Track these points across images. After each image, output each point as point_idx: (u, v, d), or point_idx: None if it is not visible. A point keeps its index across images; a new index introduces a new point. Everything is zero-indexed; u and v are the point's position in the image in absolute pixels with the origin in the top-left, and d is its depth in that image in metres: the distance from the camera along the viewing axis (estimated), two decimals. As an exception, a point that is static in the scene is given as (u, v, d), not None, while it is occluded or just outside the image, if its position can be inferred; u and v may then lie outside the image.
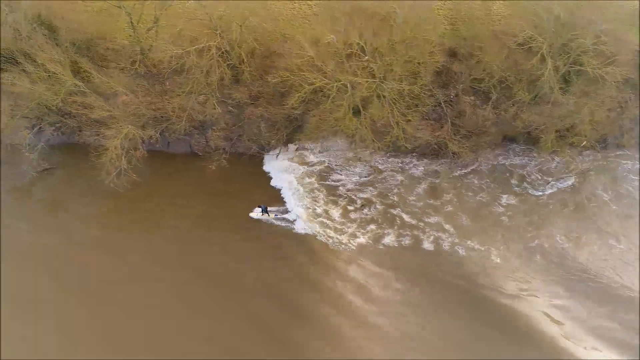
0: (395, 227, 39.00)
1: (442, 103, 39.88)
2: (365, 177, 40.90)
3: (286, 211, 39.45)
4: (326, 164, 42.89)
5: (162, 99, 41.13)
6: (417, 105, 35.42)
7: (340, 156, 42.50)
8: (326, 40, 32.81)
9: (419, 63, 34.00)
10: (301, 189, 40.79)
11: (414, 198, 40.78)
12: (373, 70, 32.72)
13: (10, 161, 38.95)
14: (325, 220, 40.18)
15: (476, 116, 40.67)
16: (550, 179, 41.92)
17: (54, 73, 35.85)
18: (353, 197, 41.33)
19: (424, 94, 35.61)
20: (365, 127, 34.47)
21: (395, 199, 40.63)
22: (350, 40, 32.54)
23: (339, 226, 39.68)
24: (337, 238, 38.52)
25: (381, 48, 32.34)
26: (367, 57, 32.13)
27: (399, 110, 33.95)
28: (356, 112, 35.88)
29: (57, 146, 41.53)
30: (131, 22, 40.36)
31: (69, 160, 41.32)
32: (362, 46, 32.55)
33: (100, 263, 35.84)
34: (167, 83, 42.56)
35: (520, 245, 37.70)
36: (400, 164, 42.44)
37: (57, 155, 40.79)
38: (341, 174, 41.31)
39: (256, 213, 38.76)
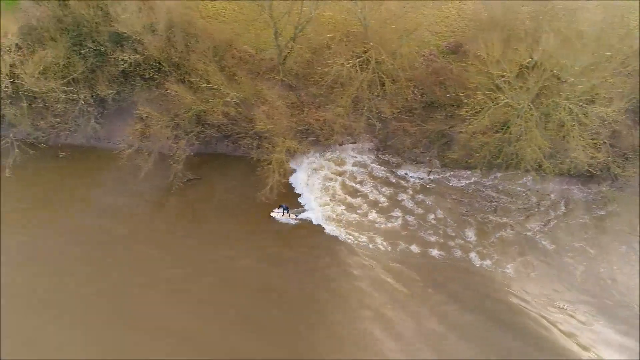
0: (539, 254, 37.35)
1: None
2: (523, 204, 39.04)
3: (303, 211, 38.73)
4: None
5: (300, 110, 40.25)
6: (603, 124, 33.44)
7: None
8: (527, 61, 31.23)
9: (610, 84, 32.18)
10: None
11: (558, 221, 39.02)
12: (558, 90, 31.02)
13: (157, 171, 38.43)
14: (462, 240, 38.99)
15: (632, 137, 38.65)
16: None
17: (216, 85, 35.14)
18: (485, 220, 39.86)
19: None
20: (539, 149, 32.75)
21: (540, 225, 38.70)
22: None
23: (482, 250, 38.36)
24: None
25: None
26: (571, 79, 30.47)
27: (581, 132, 32.17)
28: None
29: (194, 156, 40.60)
30: (275, 30, 39.39)
31: (208, 171, 40.70)
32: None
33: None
34: (303, 94, 41.72)
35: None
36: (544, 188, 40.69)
37: (196, 166, 40.14)
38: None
39: (277, 213, 38.23)
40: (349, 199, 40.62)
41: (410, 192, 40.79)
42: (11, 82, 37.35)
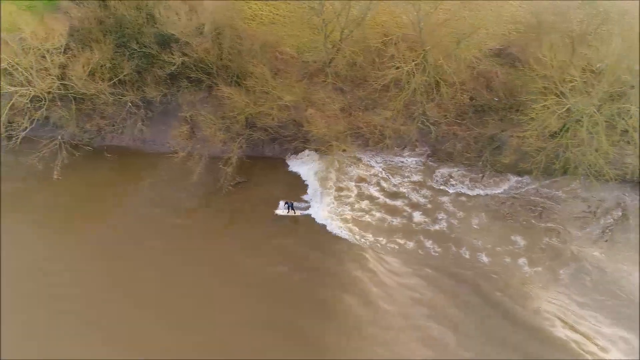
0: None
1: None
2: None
3: (308, 207, 38.43)
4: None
5: (348, 113, 39.88)
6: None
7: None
8: (598, 66, 30.90)
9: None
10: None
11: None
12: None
13: (209, 174, 38.25)
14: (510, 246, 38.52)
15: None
16: None
17: (272, 88, 34.85)
18: (530, 225, 39.21)
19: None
20: (601, 155, 32.31)
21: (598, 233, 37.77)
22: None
23: (532, 255, 37.79)
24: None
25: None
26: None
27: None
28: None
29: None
30: (325, 32, 39.02)
31: (253, 174, 40.45)
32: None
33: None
34: (349, 97, 41.36)
35: None
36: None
37: (245, 169, 39.69)
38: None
39: (281, 210, 37.77)
40: (389, 201, 40.23)
41: (453, 196, 40.53)
42: (62, 84, 37.12)
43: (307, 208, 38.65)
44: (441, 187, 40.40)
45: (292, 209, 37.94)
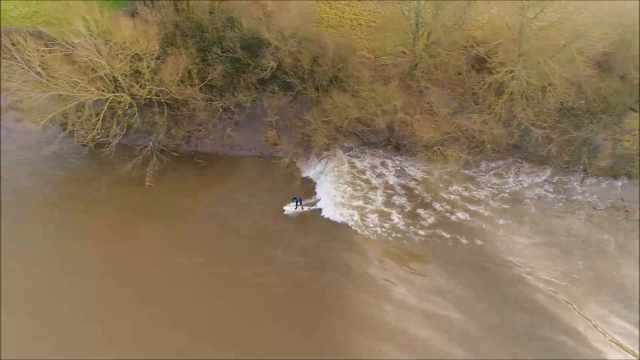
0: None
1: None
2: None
3: (317, 202, 37.94)
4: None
5: (438, 117, 39.58)
6: None
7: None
8: None
9: None
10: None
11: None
12: None
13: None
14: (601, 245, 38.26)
15: None
16: None
17: (377, 93, 34.57)
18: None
19: None
20: None
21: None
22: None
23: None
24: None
25: None
26: None
27: None
28: None
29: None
30: (416, 36, 38.70)
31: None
32: None
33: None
34: (433, 100, 41.01)
35: None
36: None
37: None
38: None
39: (290, 207, 37.08)
40: (469, 206, 39.97)
41: (535, 200, 40.26)
42: (160, 90, 36.56)
43: (315, 203, 38.14)
44: (528, 195, 40.35)
45: (301, 204, 37.32)
